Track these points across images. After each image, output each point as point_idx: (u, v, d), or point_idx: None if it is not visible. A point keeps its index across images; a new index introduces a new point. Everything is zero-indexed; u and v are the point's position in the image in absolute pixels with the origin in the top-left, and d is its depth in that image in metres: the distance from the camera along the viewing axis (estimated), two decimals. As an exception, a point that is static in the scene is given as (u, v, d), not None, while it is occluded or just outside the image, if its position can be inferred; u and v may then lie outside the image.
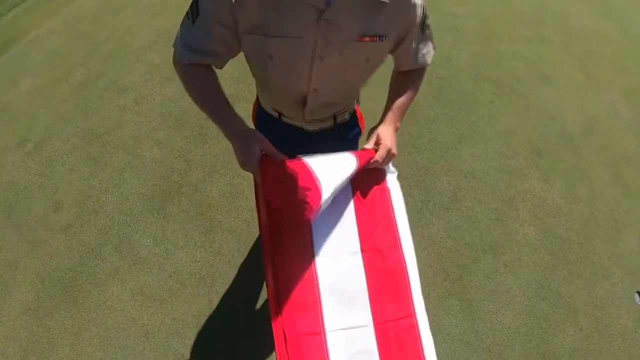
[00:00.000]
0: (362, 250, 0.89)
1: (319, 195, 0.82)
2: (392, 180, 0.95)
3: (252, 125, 1.20)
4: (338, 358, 0.83)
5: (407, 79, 1.02)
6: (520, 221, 2.02)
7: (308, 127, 1.12)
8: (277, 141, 0.87)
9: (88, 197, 1.93)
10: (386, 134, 0.93)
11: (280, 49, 0.84)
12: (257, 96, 1.19)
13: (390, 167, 0.96)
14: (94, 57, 2.33)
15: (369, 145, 0.93)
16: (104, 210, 1.90)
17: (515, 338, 1.79)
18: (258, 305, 1.73)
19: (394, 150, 0.92)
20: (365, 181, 0.94)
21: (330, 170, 0.87)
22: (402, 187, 0.95)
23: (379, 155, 0.90)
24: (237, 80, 2.21)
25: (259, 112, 1.19)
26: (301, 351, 0.82)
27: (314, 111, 1.03)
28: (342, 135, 1.19)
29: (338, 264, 0.88)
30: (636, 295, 2.03)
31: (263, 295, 1.74)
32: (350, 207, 0.92)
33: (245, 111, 2.15)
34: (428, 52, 0.98)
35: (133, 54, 2.29)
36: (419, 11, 0.87)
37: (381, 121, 0.98)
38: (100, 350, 1.65)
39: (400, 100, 0.99)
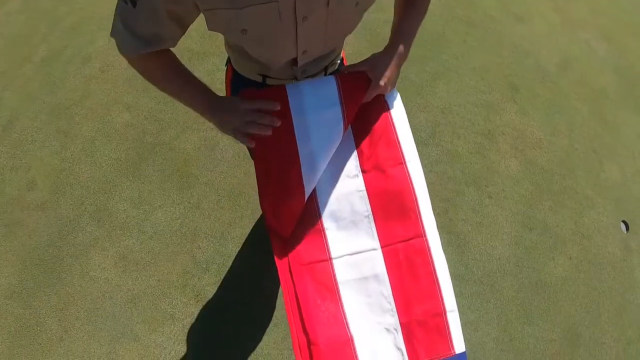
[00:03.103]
0: (362, 172, 0.85)
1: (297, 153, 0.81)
2: (391, 95, 0.88)
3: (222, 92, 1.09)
4: (346, 283, 0.80)
5: None
6: (501, 153, 2.01)
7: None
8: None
9: (61, 170, 1.87)
10: (379, 65, 0.82)
11: (253, 20, 0.69)
12: (230, 64, 1.04)
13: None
14: (56, 32, 2.25)
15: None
16: (78, 181, 1.85)
17: (505, 269, 1.79)
18: (244, 253, 1.70)
19: (384, 82, 0.81)
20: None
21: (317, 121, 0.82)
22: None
23: (368, 95, 0.83)
24: (202, 37, 2.15)
25: (236, 80, 1.02)
26: (307, 279, 0.78)
27: (307, 69, 0.92)
28: None
29: (338, 190, 0.84)
30: (622, 224, 2.04)
31: (247, 243, 1.71)
32: (348, 129, 0.86)
33: (214, 66, 2.08)
34: None
35: (95, 24, 2.22)
36: None
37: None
38: (88, 322, 1.61)
39: (407, 22, 0.86)
